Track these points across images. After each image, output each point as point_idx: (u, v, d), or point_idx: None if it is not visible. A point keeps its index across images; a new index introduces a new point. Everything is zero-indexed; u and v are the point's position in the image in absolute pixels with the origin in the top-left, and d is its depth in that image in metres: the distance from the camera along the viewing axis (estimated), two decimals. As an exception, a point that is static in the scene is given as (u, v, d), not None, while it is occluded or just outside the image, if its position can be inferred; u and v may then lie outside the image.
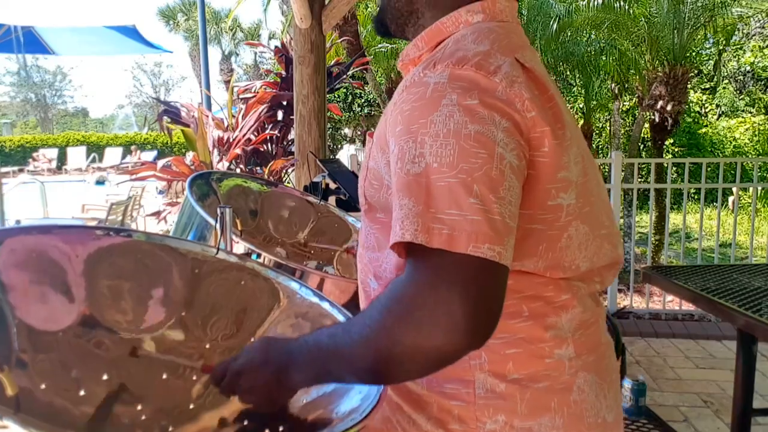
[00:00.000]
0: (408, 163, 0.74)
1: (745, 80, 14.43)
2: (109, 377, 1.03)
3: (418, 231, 0.70)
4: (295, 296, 1.22)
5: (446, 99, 0.75)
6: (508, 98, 0.76)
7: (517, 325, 0.83)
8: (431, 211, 0.70)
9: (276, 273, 1.25)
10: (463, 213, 0.69)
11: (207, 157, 4.92)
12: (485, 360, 0.83)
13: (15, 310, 0.97)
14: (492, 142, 0.73)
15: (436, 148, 0.72)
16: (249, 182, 2.02)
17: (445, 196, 0.70)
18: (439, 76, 0.77)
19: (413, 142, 0.74)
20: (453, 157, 0.71)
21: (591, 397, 0.86)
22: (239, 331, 1.18)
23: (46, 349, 0.99)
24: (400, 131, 0.77)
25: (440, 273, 0.69)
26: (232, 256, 1.26)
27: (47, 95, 43.79)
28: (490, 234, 0.69)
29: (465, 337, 0.68)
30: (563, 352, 0.84)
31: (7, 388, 0.85)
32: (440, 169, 0.71)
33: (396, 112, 0.79)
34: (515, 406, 0.82)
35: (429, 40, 0.91)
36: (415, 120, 0.75)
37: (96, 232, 1.15)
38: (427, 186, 0.71)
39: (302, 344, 0.84)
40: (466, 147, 0.71)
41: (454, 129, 0.72)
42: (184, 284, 1.19)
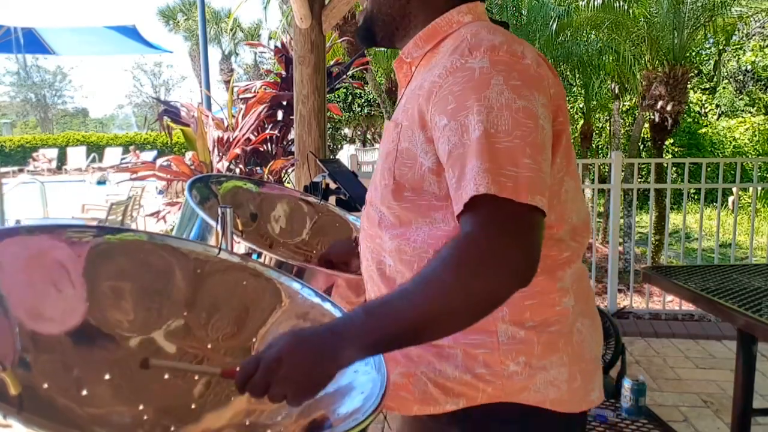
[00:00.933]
0: (471, 132, 0.84)
1: (745, 80, 14.44)
2: (110, 377, 1.03)
3: (490, 183, 0.80)
4: (297, 296, 1.22)
5: (494, 80, 0.86)
6: (539, 76, 0.90)
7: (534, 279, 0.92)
8: (496, 167, 0.81)
9: (278, 273, 1.25)
10: (521, 170, 0.81)
11: (207, 156, 4.92)
12: (506, 312, 0.94)
13: (17, 310, 0.97)
14: (536, 115, 0.86)
15: (493, 118, 0.83)
16: (248, 184, 2.02)
17: (505, 156, 0.82)
18: (482, 62, 0.88)
19: (471, 114, 0.84)
20: (508, 126, 0.83)
21: (588, 338, 1.01)
22: (241, 332, 1.19)
23: (48, 349, 0.99)
24: (454, 108, 0.87)
25: (507, 219, 0.80)
26: (234, 256, 1.26)
27: (47, 95, 43.77)
28: (540, 187, 0.82)
29: (524, 277, 0.80)
30: (567, 301, 0.98)
31: (11, 388, 0.85)
32: (498, 135, 0.83)
33: (443, 93, 0.89)
34: (532, 348, 0.95)
35: (428, 39, 1.02)
36: (469, 97, 0.86)
37: (97, 232, 1.15)
38: (489, 148, 0.82)
39: (348, 316, 0.86)
40: (517, 117, 0.84)
41: (506, 103, 0.84)
42: (186, 284, 1.19)
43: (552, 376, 0.96)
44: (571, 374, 0.98)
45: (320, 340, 0.83)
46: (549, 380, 0.96)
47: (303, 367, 0.81)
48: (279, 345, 0.83)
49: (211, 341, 1.16)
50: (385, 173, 1.00)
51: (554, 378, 0.96)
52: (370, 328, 0.83)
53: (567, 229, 0.99)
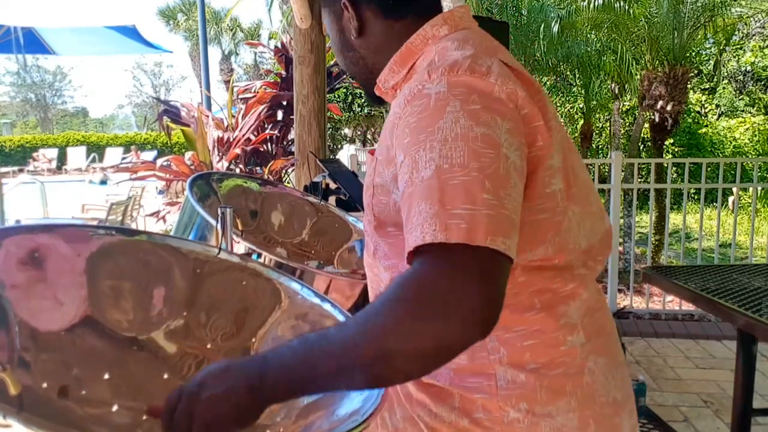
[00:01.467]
0: (421, 170, 0.75)
1: (745, 80, 14.43)
2: (110, 376, 1.03)
3: (437, 231, 0.70)
4: (297, 297, 1.22)
5: (450, 106, 0.78)
6: (506, 97, 0.81)
7: (531, 317, 0.88)
8: (447, 209, 0.71)
9: (278, 273, 1.25)
10: (478, 208, 0.71)
11: (207, 156, 4.92)
12: (504, 354, 0.87)
13: (17, 309, 0.97)
14: (497, 143, 0.76)
15: (446, 151, 0.74)
16: (249, 182, 2.02)
17: (459, 194, 0.72)
18: (438, 86, 0.80)
19: (423, 150, 0.76)
20: (463, 158, 0.74)
21: (601, 378, 0.91)
22: (240, 332, 1.19)
23: (48, 349, 0.99)
24: (408, 143, 0.79)
25: (458, 265, 0.70)
26: (234, 256, 1.26)
27: (47, 95, 43.77)
28: (504, 228, 0.72)
29: (479, 326, 0.69)
30: (574, 339, 0.89)
31: (10, 387, 0.85)
32: (452, 170, 0.73)
33: (402, 126, 0.82)
34: (535, 393, 0.87)
35: (403, 62, 0.96)
36: (423, 129, 0.78)
37: (98, 232, 1.15)
38: (440, 187, 0.73)
39: (282, 348, 0.76)
40: (474, 148, 0.74)
41: (462, 132, 0.75)
42: (186, 284, 1.19)
43: (559, 423, 0.87)
44: (582, 421, 0.88)
45: (248, 369, 0.75)
46: (556, 428, 0.87)
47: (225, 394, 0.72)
48: (205, 371, 0.76)
49: (210, 341, 1.16)
50: (367, 208, 0.95)
51: (562, 425, 0.87)
52: (301, 360, 0.73)
53: (574, 256, 0.90)
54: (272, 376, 0.73)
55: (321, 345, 0.73)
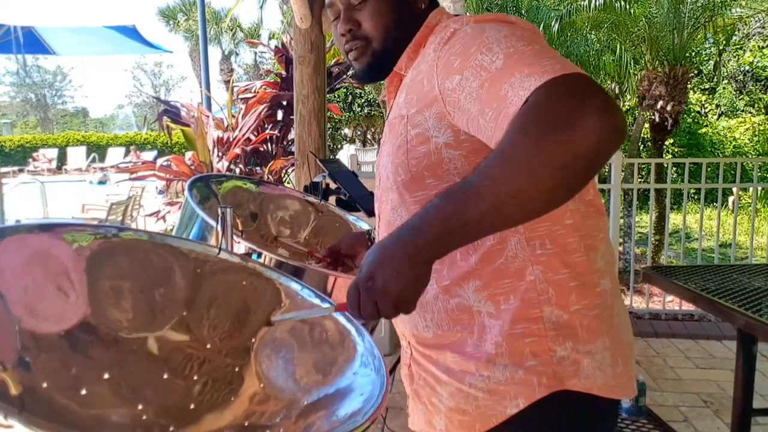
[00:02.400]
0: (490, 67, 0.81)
1: (744, 80, 14.43)
2: (109, 377, 1.03)
3: (539, 75, 0.75)
4: (297, 297, 1.22)
5: (487, 27, 0.87)
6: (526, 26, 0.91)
7: (577, 259, 0.94)
8: (534, 66, 0.77)
9: (278, 274, 1.25)
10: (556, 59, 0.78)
11: (207, 156, 4.92)
12: (552, 294, 0.93)
13: (17, 309, 0.97)
14: (542, 39, 0.87)
15: (505, 44, 0.82)
16: (248, 183, 2.02)
17: (536, 57, 0.79)
18: (469, 25, 0.90)
19: (481, 54, 0.83)
20: (523, 41, 0.82)
21: (623, 321, 1.00)
22: (241, 332, 1.19)
23: (48, 349, 0.99)
24: (461, 62, 0.86)
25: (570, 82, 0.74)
26: (234, 256, 1.26)
27: (47, 95, 43.75)
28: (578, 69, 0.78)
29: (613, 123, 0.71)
30: (605, 283, 0.97)
31: (11, 388, 0.85)
32: (518, 50, 0.81)
33: (445, 59, 0.89)
34: (577, 333, 0.93)
35: (415, 48, 1.05)
36: (472, 44, 0.86)
37: (98, 231, 1.15)
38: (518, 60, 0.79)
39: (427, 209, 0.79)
40: (527, 36, 0.84)
41: (509, 33, 0.84)
42: (186, 284, 1.19)
43: (598, 360, 0.94)
44: (614, 359, 0.96)
45: (401, 243, 0.79)
46: (595, 365, 0.94)
47: (394, 275, 0.78)
48: (366, 263, 0.82)
49: (210, 341, 1.16)
50: (399, 169, 0.98)
51: (600, 363, 0.94)
52: (449, 213, 0.76)
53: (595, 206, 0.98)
54: (426, 239, 0.78)
55: (464, 191, 0.76)
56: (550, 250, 0.93)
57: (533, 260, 0.93)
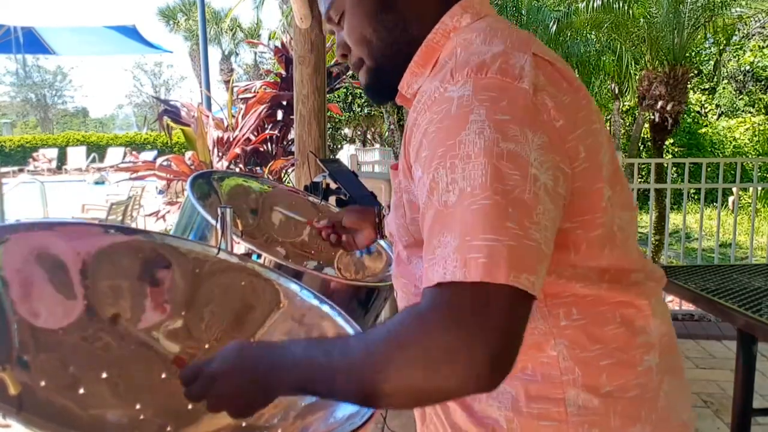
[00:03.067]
0: (443, 193, 0.67)
1: (744, 80, 14.43)
2: (108, 376, 1.03)
3: (457, 267, 0.63)
4: (296, 298, 1.22)
5: (474, 114, 0.68)
6: (537, 107, 0.70)
7: (611, 332, 0.79)
8: (467, 240, 0.63)
9: (277, 274, 1.25)
10: (500, 238, 0.63)
11: (207, 156, 4.92)
12: (579, 375, 0.78)
13: (16, 308, 0.97)
14: (526, 163, 0.66)
15: (469, 171, 0.65)
16: (250, 182, 2.02)
17: (479, 221, 0.64)
18: (463, 89, 0.70)
19: (443, 168, 0.67)
20: (485, 178, 0.65)
21: (673, 401, 0.84)
22: (239, 332, 1.19)
23: (47, 347, 0.99)
24: (427, 157, 0.70)
25: (470, 311, 0.63)
26: (233, 256, 1.26)
27: (47, 95, 43.77)
28: (528, 261, 0.64)
29: (484, 381, 0.63)
30: (651, 358, 0.81)
31: (10, 387, 0.85)
32: (473, 192, 0.65)
33: (419, 136, 0.73)
34: (608, 420, 0.78)
35: (424, 61, 0.85)
36: (443, 142, 0.68)
37: (98, 230, 1.15)
38: (462, 215, 0.65)
39: (288, 353, 0.75)
40: (498, 167, 0.65)
41: (486, 147, 0.66)
42: (185, 284, 1.19)
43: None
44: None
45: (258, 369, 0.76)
46: None
47: (234, 395, 0.76)
48: (219, 361, 0.78)
49: (209, 341, 1.16)
50: (400, 229, 0.86)
51: None
52: (303, 370, 0.72)
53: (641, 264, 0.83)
54: (278, 378, 0.74)
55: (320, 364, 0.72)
56: (578, 320, 0.78)
57: (556, 333, 0.78)
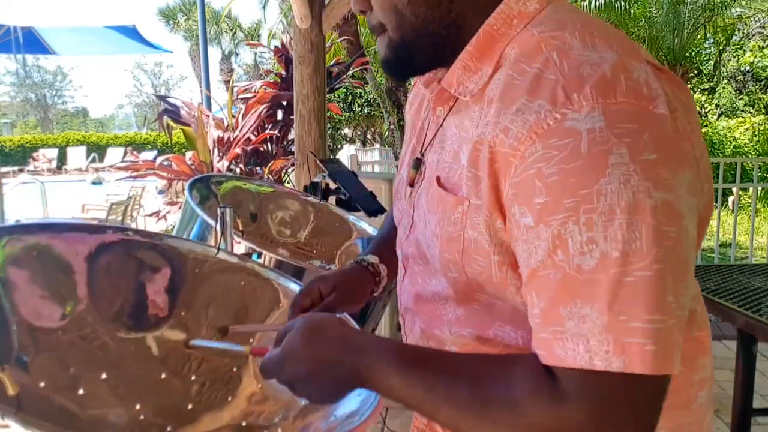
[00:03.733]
0: (575, 255, 0.54)
1: (744, 80, 14.44)
2: (107, 376, 1.03)
3: (611, 353, 0.52)
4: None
5: (614, 156, 0.53)
6: (680, 136, 0.58)
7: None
8: (621, 320, 0.52)
9: (276, 274, 1.24)
10: (665, 318, 0.52)
11: (207, 156, 4.93)
12: None
13: (15, 308, 0.97)
14: (680, 214, 0.54)
15: (614, 231, 0.53)
16: (248, 184, 2.02)
17: (639, 298, 0.52)
18: (591, 119, 0.55)
19: (576, 224, 0.54)
20: (641, 242, 0.52)
21: (709, 429, 0.80)
22: (239, 332, 1.18)
23: (46, 348, 0.99)
24: (546, 204, 0.56)
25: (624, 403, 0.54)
26: (233, 256, 1.26)
27: (47, 95, 43.78)
28: (680, 340, 0.54)
29: None
30: (702, 396, 0.75)
31: (8, 388, 0.85)
32: (626, 261, 0.52)
33: (531, 174, 0.57)
34: None
35: (482, 53, 0.68)
36: (573, 191, 0.54)
37: (97, 230, 1.15)
38: (610, 285, 0.53)
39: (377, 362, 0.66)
40: (656, 225, 0.53)
41: (635, 201, 0.52)
42: (185, 284, 1.19)
43: None
44: None
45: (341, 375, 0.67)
46: None
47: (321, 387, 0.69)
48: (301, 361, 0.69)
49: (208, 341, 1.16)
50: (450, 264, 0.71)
51: None
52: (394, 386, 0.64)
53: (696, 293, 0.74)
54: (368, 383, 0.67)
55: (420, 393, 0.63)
56: None
57: None
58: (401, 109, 9.76)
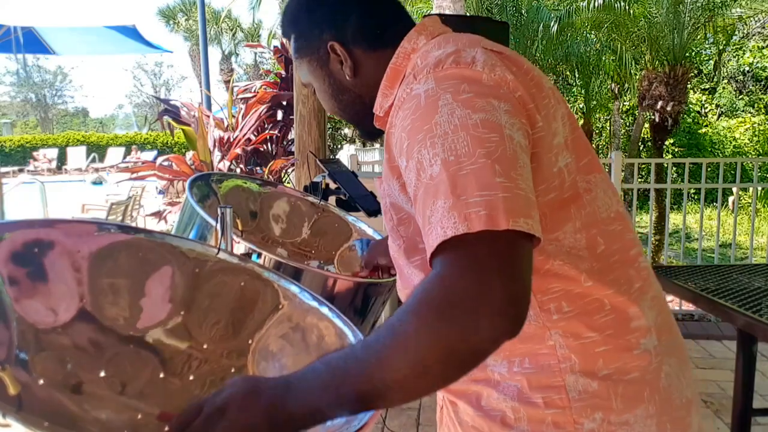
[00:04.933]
0: (427, 169, 0.73)
1: (745, 80, 14.44)
2: (107, 375, 1.03)
3: (457, 223, 0.67)
4: (295, 299, 1.22)
5: (442, 100, 0.76)
6: (495, 83, 0.79)
7: (602, 320, 0.83)
8: (462, 199, 0.69)
9: (277, 275, 1.24)
10: (494, 192, 0.69)
11: (207, 156, 4.92)
12: (576, 362, 0.83)
13: (15, 305, 0.97)
14: (499, 125, 0.74)
15: (449, 144, 0.72)
16: (249, 183, 2.02)
17: (471, 182, 0.69)
18: (426, 84, 0.79)
19: (424, 148, 0.74)
20: (468, 147, 0.72)
21: (675, 381, 0.88)
22: (238, 333, 1.18)
23: (47, 346, 0.99)
24: (408, 146, 0.77)
25: (482, 257, 0.67)
26: (233, 256, 1.26)
27: (47, 95, 43.77)
28: (522, 207, 0.69)
29: (509, 323, 0.65)
30: (648, 342, 0.85)
31: (9, 387, 0.85)
32: (459, 161, 0.71)
33: (398, 132, 0.80)
34: (610, 402, 0.82)
35: (391, 83, 0.94)
36: (420, 128, 0.76)
37: (97, 229, 1.15)
38: (451, 180, 0.70)
39: (305, 373, 0.72)
40: (476, 134, 0.72)
41: (460, 122, 0.73)
42: (185, 284, 1.18)
43: (637, 431, 0.83)
44: (661, 426, 0.85)
45: (273, 392, 0.71)
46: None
47: (250, 418, 0.70)
48: (228, 392, 0.72)
49: (208, 342, 1.16)
50: (393, 234, 0.92)
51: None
52: (327, 384, 0.70)
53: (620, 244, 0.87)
54: (295, 404, 0.70)
55: (348, 366, 0.70)
56: (569, 313, 0.83)
57: (550, 325, 0.83)
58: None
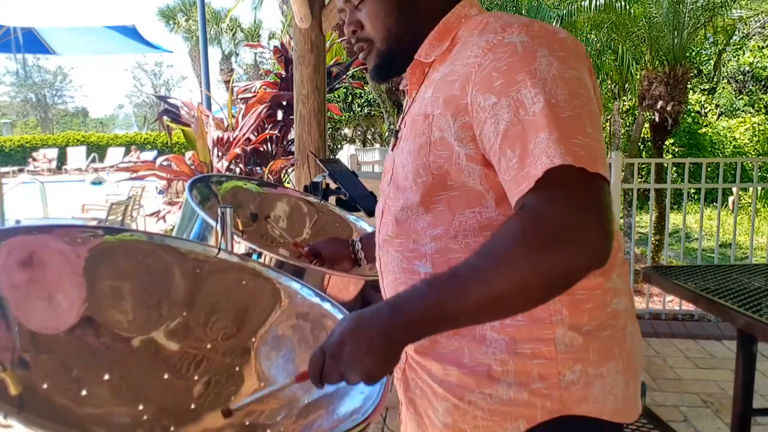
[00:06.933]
0: (528, 106, 0.79)
1: (744, 80, 14.43)
2: (110, 377, 1.03)
3: (565, 153, 0.75)
4: (297, 296, 1.22)
5: (539, 51, 0.83)
6: (578, 48, 0.88)
7: (594, 280, 0.89)
8: (567, 136, 0.77)
9: (277, 273, 1.25)
10: (588, 140, 0.78)
11: (207, 156, 4.92)
12: (566, 315, 0.89)
13: (16, 310, 0.97)
14: (586, 85, 0.83)
15: (549, 89, 0.79)
16: (248, 184, 2.02)
17: (570, 125, 0.78)
18: (520, 36, 0.85)
19: (525, 88, 0.80)
20: (566, 95, 0.79)
21: (636, 343, 0.96)
22: (240, 331, 1.19)
23: (48, 349, 0.99)
24: (502, 84, 0.82)
25: (581, 194, 0.75)
26: (234, 256, 1.26)
27: (47, 95, 43.75)
28: (602, 159, 0.79)
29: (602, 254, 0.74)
30: (618, 302, 0.93)
31: (11, 388, 0.85)
32: (558, 105, 0.78)
33: (488, 71, 0.84)
34: (588, 355, 0.89)
35: (441, 36, 0.99)
36: (519, 70, 0.82)
37: (97, 232, 1.15)
38: (556, 117, 0.78)
39: (411, 292, 0.80)
40: (572, 88, 0.81)
41: (558, 74, 0.81)
42: (186, 284, 1.19)
43: (609, 384, 0.91)
44: (626, 381, 0.93)
45: (379, 319, 0.78)
46: (607, 389, 0.90)
47: (365, 348, 0.77)
48: (339, 330, 0.79)
49: (210, 341, 1.16)
50: (420, 170, 0.93)
51: (612, 386, 0.91)
52: (431, 302, 0.77)
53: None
54: (404, 322, 0.78)
55: (451, 284, 0.77)
56: None
57: None
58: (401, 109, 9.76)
